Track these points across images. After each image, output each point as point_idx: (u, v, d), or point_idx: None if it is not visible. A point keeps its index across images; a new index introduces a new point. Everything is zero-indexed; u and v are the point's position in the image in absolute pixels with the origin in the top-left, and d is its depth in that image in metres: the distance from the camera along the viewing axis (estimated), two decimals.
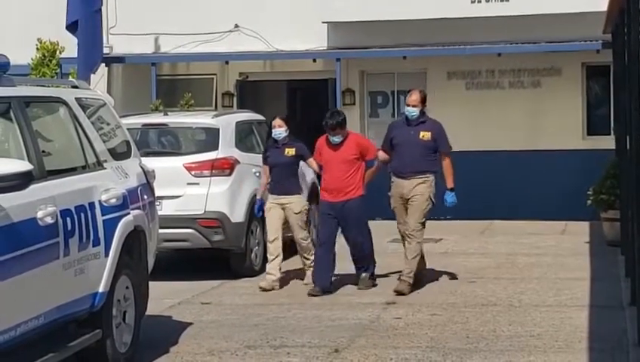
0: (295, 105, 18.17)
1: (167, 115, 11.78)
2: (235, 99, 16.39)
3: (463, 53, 15.25)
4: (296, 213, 9.83)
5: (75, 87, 7.30)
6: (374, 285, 9.73)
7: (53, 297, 5.86)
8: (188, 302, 9.21)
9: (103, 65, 15.75)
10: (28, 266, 5.56)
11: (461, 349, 7.23)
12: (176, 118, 11.46)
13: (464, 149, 15.61)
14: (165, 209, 9.89)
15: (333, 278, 9.64)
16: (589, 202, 12.78)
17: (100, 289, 6.40)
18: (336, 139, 9.59)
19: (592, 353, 7.05)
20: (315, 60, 15.70)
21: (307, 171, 10.94)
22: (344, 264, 9.96)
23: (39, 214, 5.71)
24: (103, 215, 6.48)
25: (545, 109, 15.45)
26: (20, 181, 5.34)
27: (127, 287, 6.86)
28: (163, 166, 9.53)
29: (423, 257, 9.82)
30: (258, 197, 10.11)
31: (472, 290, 9.58)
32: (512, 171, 15.35)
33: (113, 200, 6.63)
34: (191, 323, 8.18)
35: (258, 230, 10.87)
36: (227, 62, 16.16)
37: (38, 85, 7.14)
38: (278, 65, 16.43)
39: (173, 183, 10.08)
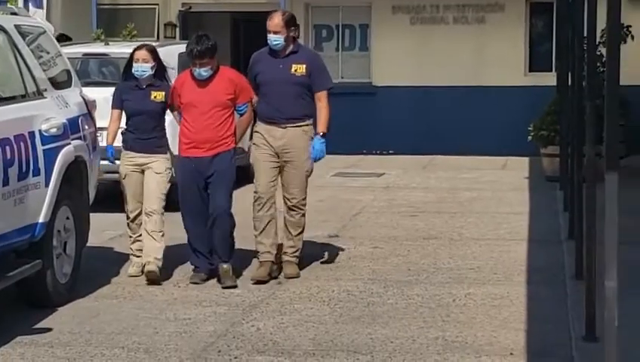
0: (239, 38, 17.98)
1: (108, 44, 11.58)
2: (177, 30, 16.17)
3: None
4: (158, 174, 7.33)
5: (15, 13, 7.14)
6: (237, 277, 7.30)
7: None
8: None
9: None
10: None
11: (402, 281, 7.32)
12: (117, 48, 11.25)
13: (407, 84, 15.69)
14: None
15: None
16: (529, 138, 12.93)
17: (40, 220, 6.33)
18: (204, 72, 7.19)
19: (530, 285, 7.19)
20: None
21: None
22: None
23: None
24: (43, 145, 6.39)
25: (488, 45, 15.49)
26: None
27: (67, 218, 6.80)
28: (104, 96, 9.37)
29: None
30: (106, 143, 7.55)
31: (413, 224, 9.68)
32: (454, 106, 15.43)
33: (54, 130, 6.54)
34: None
35: None
36: None
37: None
38: None
39: None
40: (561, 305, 6.67)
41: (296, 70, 7.30)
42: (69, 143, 6.75)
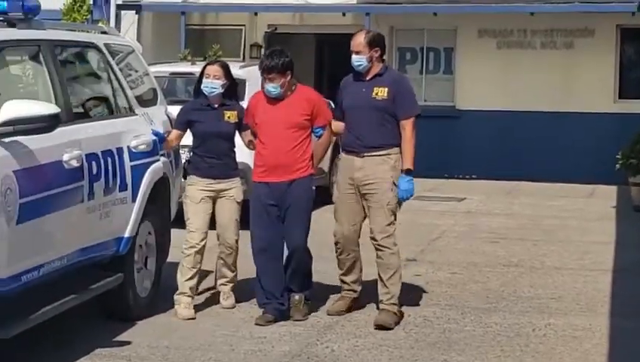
0: (323, 59, 18.07)
1: (194, 64, 11.76)
2: (263, 50, 16.33)
3: (494, 10, 15.10)
4: (237, 203, 6.91)
5: (105, 32, 7.29)
6: (310, 312, 6.83)
7: (76, 239, 5.90)
8: (209, 251, 9.24)
9: (134, 12, 15.72)
10: (52, 208, 5.59)
11: (480, 308, 7.22)
12: None
13: (492, 108, 15.55)
14: None
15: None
16: (617, 166, 12.68)
17: (126, 234, 6.44)
18: (272, 88, 6.64)
19: (613, 317, 7.02)
20: (344, 14, 15.59)
21: None
22: None
23: (65, 157, 5.73)
24: (131, 161, 6.49)
25: (577, 71, 15.30)
26: (47, 123, 5.35)
27: (149, 233, 6.89)
28: None
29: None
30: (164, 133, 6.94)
31: (494, 250, 9.56)
32: (541, 132, 15.24)
33: (142, 147, 6.64)
34: (211, 271, 8.21)
35: None
36: (256, 14, 16.09)
37: (68, 30, 7.12)
38: (308, 18, 16.33)
39: None
40: None
41: (377, 93, 6.67)
42: (158, 160, 6.86)
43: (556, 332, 6.62)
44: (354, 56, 6.76)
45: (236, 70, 11.02)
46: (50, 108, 5.44)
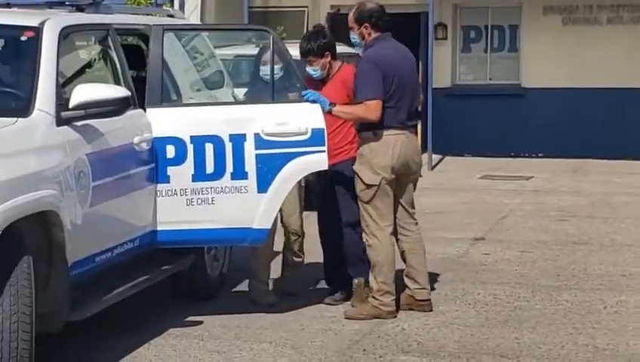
0: None
1: (258, 46, 11.79)
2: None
3: None
4: (300, 188, 6.94)
5: (171, 16, 7.35)
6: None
7: (147, 221, 5.97)
8: (279, 232, 9.30)
9: None
10: (123, 191, 5.67)
11: (551, 286, 7.17)
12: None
13: (558, 86, 15.35)
14: None
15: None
16: None
17: (255, 225, 6.02)
18: (313, 72, 6.57)
19: None
20: None
21: None
22: None
23: (135, 140, 5.80)
24: (257, 148, 5.99)
25: None
26: (118, 107, 5.42)
27: None
28: None
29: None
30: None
31: (563, 228, 9.47)
32: (607, 109, 15.00)
33: (278, 135, 6.03)
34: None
35: None
36: None
37: (134, 14, 7.19)
38: None
39: None
40: None
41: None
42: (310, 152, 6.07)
43: (628, 310, 6.55)
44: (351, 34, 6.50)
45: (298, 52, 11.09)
46: (120, 92, 5.51)
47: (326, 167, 6.13)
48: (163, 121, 6.01)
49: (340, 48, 12.36)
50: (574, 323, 6.22)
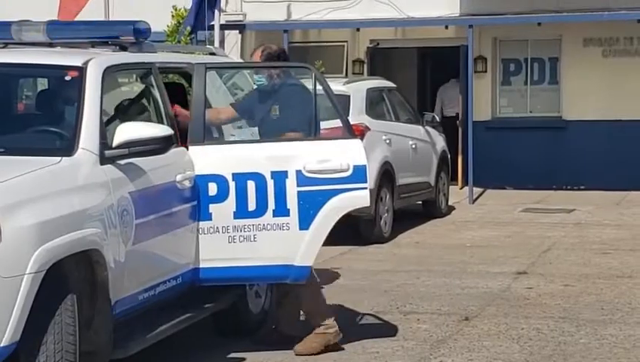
0: (425, 72, 18.03)
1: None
2: (365, 66, 16.39)
3: (600, 19, 14.80)
4: None
5: (212, 53, 7.42)
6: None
7: (189, 259, 6.00)
8: (318, 267, 9.30)
9: (237, 32, 15.97)
10: (165, 228, 5.70)
11: (595, 320, 7.09)
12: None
13: (599, 118, 15.25)
14: None
15: None
16: None
17: (296, 263, 5.97)
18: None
19: None
20: (447, 27, 15.52)
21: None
22: None
23: (178, 178, 5.85)
24: (299, 186, 5.99)
25: None
26: (161, 145, 5.46)
27: None
28: None
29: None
30: None
31: (606, 262, 9.37)
32: None
33: (319, 172, 6.02)
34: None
35: (387, 197, 10.90)
36: (358, 30, 16.15)
37: (176, 52, 7.27)
38: (410, 32, 16.31)
39: None
40: None
41: None
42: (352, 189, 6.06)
43: None
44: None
45: (340, 86, 11.15)
46: (163, 130, 5.55)
47: (367, 204, 6.15)
48: (205, 159, 6.06)
49: (379, 82, 12.33)
50: (619, 358, 6.14)
